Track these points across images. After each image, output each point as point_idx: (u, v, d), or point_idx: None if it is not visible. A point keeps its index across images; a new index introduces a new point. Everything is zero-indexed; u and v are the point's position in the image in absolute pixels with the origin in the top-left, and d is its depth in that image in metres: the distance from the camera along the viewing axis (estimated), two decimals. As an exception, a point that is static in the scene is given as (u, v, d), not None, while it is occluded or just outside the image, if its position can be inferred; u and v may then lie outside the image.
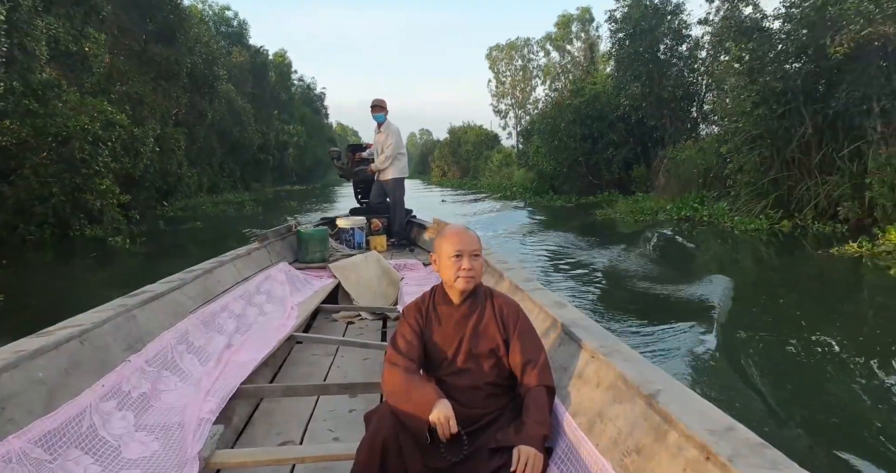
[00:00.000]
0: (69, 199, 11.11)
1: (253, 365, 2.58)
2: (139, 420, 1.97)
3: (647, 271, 7.78)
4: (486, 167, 38.87)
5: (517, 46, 41.98)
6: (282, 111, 40.55)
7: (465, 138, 47.01)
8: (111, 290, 4.68)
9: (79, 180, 11.12)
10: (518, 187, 25.92)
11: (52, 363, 1.80)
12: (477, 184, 36.47)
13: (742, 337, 4.67)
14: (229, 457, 1.80)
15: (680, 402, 1.32)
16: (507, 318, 1.78)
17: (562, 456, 1.58)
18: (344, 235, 5.96)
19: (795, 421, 3.19)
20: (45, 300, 6.69)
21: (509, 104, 43.29)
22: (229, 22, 35.08)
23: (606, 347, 1.75)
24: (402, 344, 1.75)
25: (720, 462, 1.07)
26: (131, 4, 17.61)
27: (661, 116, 17.46)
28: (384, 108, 6.19)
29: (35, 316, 5.94)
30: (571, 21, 33.71)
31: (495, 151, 39.78)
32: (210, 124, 24.45)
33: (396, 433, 1.58)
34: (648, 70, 17.13)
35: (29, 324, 2.47)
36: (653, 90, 17.12)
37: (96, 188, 11.51)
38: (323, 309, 4.16)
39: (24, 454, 1.45)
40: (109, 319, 2.22)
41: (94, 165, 11.32)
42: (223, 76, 24.12)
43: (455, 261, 1.74)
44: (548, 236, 11.64)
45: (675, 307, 5.85)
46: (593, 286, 7.01)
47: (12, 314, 6.16)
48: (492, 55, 43.59)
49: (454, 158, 49.08)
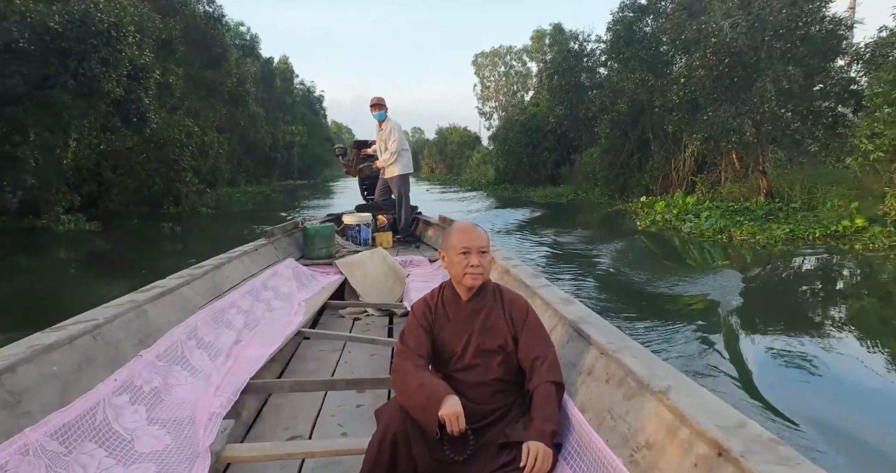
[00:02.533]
0: (165, 187, 16.15)
1: (262, 361, 2.59)
2: (151, 414, 1.98)
3: (531, 219, 15.31)
4: (467, 165, 44.15)
5: (500, 54, 45.73)
6: (285, 113, 44.66)
7: (451, 139, 52.03)
8: (201, 242, 10.62)
9: (171, 174, 16.06)
10: (485, 181, 33.12)
11: (66, 357, 1.82)
12: (458, 179, 42.76)
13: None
14: (240, 452, 1.82)
15: (691, 398, 1.33)
16: (515, 314, 1.79)
17: (571, 452, 1.58)
18: (350, 231, 5.98)
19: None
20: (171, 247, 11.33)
21: (493, 107, 46.65)
22: (243, 36, 39.43)
23: (616, 343, 1.75)
24: (411, 340, 1.76)
25: (733, 458, 1.07)
26: (192, 43, 22.56)
27: (577, 130, 24.49)
28: (383, 105, 6.15)
29: (162, 251, 10.83)
30: (545, 35, 36.74)
31: (476, 151, 44.28)
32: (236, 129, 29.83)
33: (407, 428, 1.59)
34: (569, 97, 23.99)
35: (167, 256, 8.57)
36: (572, 112, 23.95)
37: (182, 180, 16.45)
38: (330, 305, 4.17)
39: (40, 446, 1.47)
40: (120, 314, 2.24)
41: (181, 164, 16.05)
42: (252, 92, 29.87)
43: (463, 258, 1.74)
44: (488, 207, 19.87)
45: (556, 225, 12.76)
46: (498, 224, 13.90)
47: (154, 247, 11.19)
48: (477, 61, 47.19)
49: (441, 156, 54.15)
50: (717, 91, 13.11)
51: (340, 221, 6.36)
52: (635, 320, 5.37)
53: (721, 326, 5.02)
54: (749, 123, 12.23)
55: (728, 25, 12.61)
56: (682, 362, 4.15)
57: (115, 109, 12.87)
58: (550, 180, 26.10)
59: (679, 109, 14.41)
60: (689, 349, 4.50)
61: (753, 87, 12.34)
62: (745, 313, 5.51)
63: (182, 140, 16.18)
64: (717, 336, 4.73)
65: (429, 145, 59.86)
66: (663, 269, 7.91)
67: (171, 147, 15.69)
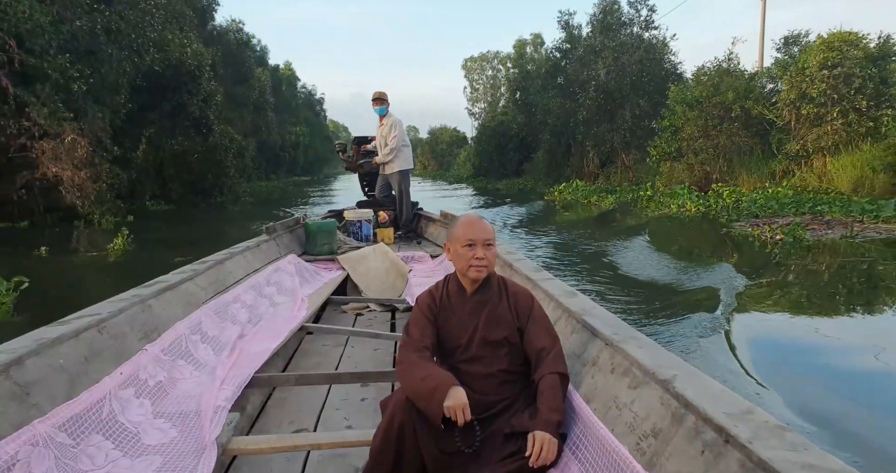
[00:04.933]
0: (214, 181, 20.41)
1: (266, 355, 2.60)
2: (156, 407, 1.99)
3: (493, 198, 22.19)
4: (455, 162, 50.59)
5: (488, 58, 50.50)
6: (290, 115, 49.08)
7: (442, 138, 58.57)
8: (245, 219, 15.42)
9: (219, 170, 20.43)
10: (466, 175, 40.79)
11: (73, 350, 1.83)
12: (446, 174, 49.10)
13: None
14: (246, 444, 1.82)
15: (696, 386, 1.33)
16: (520, 307, 1.79)
17: (576, 442, 1.59)
18: (351, 227, 5.97)
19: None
20: (215, 226, 14.44)
21: (482, 108, 50.70)
22: (254, 48, 43.10)
23: (620, 334, 1.76)
24: (416, 332, 1.76)
25: (740, 444, 1.07)
26: (227, 64, 28.40)
27: (534, 135, 30.08)
28: (385, 100, 6.09)
29: (215, 230, 13.50)
30: (526, 44, 41.16)
31: (462, 150, 49.79)
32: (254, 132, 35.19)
33: (412, 419, 1.59)
34: (528, 109, 30.82)
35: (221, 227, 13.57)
36: (529, 121, 30.75)
37: (227, 175, 21.00)
38: (332, 301, 4.18)
39: (49, 438, 1.47)
40: (125, 308, 2.24)
41: (226, 162, 20.62)
42: (270, 102, 36.69)
43: (468, 250, 1.74)
44: (464, 192, 27.73)
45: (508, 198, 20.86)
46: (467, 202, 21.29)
47: (226, 220, 15.63)
48: (467, 66, 52.03)
49: (433, 154, 59.73)
50: (598, 115, 21.21)
51: (342, 217, 6.35)
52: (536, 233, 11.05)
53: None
54: (616, 136, 20.60)
55: (603, 73, 20.70)
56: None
57: (192, 124, 19.12)
58: (515, 174, 32.70)
59: (583, 125, 21.93)
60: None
61: (618, 113, 20.58)
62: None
63: (227, 144, 21.01)
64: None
65: (422, 144, 64.36)
66: (551, 216, 15.03)
67: (219, 150, 20.25)
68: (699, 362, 3.69)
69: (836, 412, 3.12)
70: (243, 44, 32.44)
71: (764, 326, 4.70)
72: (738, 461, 1.07)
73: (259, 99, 33.18)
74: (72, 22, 13.07)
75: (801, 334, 4.46)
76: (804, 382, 3.55)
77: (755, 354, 3.92)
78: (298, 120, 51.82)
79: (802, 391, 3.39)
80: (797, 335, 4.46)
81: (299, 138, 49.03)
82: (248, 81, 31.81)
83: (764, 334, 4.53)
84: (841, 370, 3.71)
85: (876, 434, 2.84)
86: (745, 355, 3.88)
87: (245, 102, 30.71)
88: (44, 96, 11.92)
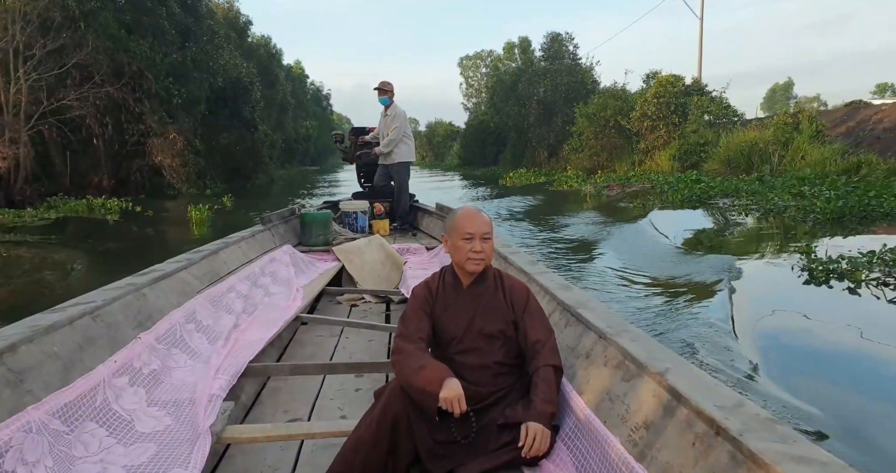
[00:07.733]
0: (253, 167, 26.15)
1: (261, 345, 2.60)
2: (151, 395, 1.99)
3: (469, 181, 29.50)
4: (449, 153, 57.85)
5: (483, 57, 54.00)
6: (301, 110, 55.10)
7: (438, 131, 64.81)
8: (285, 195, 22.16)
9: (258, 159, 26.48)
10: (454, 164, 48.12)
11: (67, 338, 1.82)
12: (441, 164, 55.80)
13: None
14: (240, 432, 1.83)
15: (688, 379, 1.35)
16: (516, 299, 1.80)
17: (569, 433, 1.60)
18: (347, 218, 5.96)
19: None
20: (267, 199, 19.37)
21: (476, 103, 53.00)
22: (280, 59, 47.82)
23: (614, 327, 1.77)
24: (411, 323, 1.77)
25: (730, 437, 1.09)
26: (260, 72, 32.41)
27: (508, 132, 35.85)
28: (390, 91, 6.02)
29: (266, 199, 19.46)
30: (514, 47, 43.56)
31: (456, 142, 54.97)
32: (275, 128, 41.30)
33: (407, 409, 1.60)
34: (504, 111, 36.32)
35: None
36: (503, 120, 36.91)
37: (263, 162, 27.12)
38: (327, 292, 4.18)
39: (43, 425, 1.47)
40: (120, 297, 2.23)
41: (262, 153, 26.58)
42: (291, 102, 45.16)
43: (466, 243, 1.75)
44: (449, 178, 34.01)
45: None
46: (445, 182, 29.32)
47: (274, 194, 22.53)
48: (462, 63, 55.66)
49: (430, 146, 64.78)
50: (540, 121, 30.22)
51: (337, 208, 6.33)
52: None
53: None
54: (552, 136, 29.25)
55: (542, 91, 30.14)
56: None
57: (243, 124, 25.61)
58: (493, 163, 38.84)
59: (532, 127, 30.86)
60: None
61: (553, 119, 29.39)
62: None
63: (262, 138, 26.64)
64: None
65: (420, 137, 68.50)
66: (499, 190, 21.02)
67: (258, 143, 26.02)
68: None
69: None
70: (271, 56, 40.91)
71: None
72: (729, 452, 1.08)
73: (282, 100, 40.74)
74: (171, 55, 19.45)
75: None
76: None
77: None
78: (308, 114, 58.33)
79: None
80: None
81: (309, 132, 55.46)
82: (275, 86, 39.39)
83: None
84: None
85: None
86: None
87: (272, 102, 37.05)
88: (155, 107, 18.19)
